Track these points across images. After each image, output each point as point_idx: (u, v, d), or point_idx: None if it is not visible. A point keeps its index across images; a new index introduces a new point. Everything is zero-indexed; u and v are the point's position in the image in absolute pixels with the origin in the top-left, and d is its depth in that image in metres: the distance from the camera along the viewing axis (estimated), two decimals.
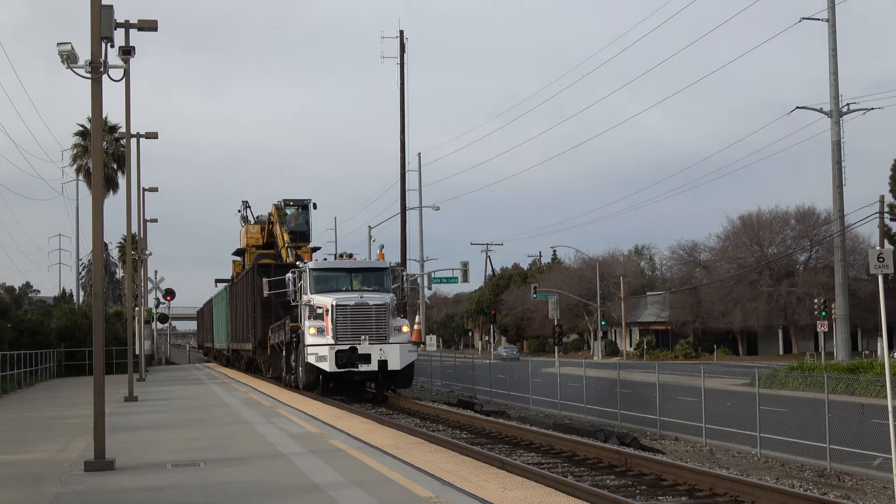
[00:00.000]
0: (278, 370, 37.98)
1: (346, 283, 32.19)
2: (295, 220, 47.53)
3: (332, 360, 29.83)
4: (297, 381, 33.37)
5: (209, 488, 13.21)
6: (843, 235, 48.84)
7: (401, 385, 32.14)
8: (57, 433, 21.76)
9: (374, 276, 32.61)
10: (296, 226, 47.15)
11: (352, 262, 33.56)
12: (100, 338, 16.09)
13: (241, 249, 53.23)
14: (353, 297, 30.65)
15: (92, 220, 16.61)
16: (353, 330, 30.11)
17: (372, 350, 29.98)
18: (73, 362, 56.56)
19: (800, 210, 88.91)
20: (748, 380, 39.61)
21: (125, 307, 59.66)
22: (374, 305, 30.36)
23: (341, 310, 30.17)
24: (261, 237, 51.25)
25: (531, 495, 12.35)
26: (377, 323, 30.31)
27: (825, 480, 18.30)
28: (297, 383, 33.45)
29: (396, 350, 30.14)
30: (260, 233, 51.57)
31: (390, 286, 32.66)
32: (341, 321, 30.09)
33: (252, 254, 50.13)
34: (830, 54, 46.08)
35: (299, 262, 34.43)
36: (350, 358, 29.87)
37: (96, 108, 16.55)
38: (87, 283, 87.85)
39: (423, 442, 18.35)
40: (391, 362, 30.05)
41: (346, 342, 29.97)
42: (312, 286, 31.86)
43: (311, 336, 30.33)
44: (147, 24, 29.62)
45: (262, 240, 50.96)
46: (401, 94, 51.32)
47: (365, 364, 29.93)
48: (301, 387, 32.04)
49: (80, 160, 69.90)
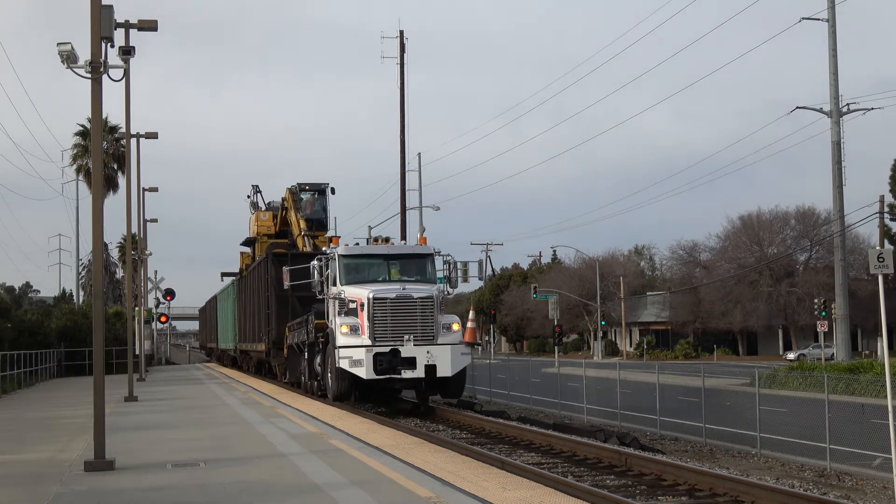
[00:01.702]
0: (297, 375, 33.98)
1: (382, 273, 27.64)
2: (311, 207, 43.60)
3: (369, 365, 25.08)
4: (321, 389, 29.10)
5: (209, 488, 13.21)
6: (843, 235, 48.83)
7: (451, 395, 27.56)
8: (57, 433, 21.76)
9: (415, 263, 27.92)
10: (312, 212, 43.23)
11: (390, 247, 28.42)
12: (100, 338, 16.09)
13: (251, 239, 49.12)
14: (393, 289, 26.00)
15: (92, 220, 16.61)
16: (395, 328, 25.46)
17: (417, 353, 25.27)
18: (73, 362, 56.58)
19: (800, 210, 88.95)
20: (748, 380, 39.60)
21: (125, 307, 59.68)
22: (419, 298, 25.69)
23: (380, 304, 25.48)
24: (273, 225, 47.15)
25: (531, 495, 12.35)
26: (423, 320, 25.60)
27: (825, 480, 18.30)
28: (321, 391, 29.27)
29: (447, 353, 25.40)
30: (272, 220, 47.42)
31: (435, 276, 28.15)
32: (380, 318, 25.44)
33: (263, 243, 46.17)
34: (830, 54, 46.08)
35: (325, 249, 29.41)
36: (391, 362, 25.17)
37: (96, 108, 16.55)
38: (87, 283, 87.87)
39: (423, 442, 18.35)
40: (441, 367, 25.30)
41: (386, 343, 25.33)
42: (343, 276, 27.16)
43: (342, 336, 25.59)
44: (147, 24, 29.65)
45: (274, 228, 46.99)
46: (401, 95, 51.29)
47: (409, 370, 25.20)
48: (331, 396, 27.01)
49: (80, 160, 69.94)
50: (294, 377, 34.54)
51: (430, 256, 28.17)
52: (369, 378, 25.30)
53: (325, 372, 27.83)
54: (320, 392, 29.46)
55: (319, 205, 44.08)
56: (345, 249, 27.86)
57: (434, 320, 25.68)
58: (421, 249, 28.48)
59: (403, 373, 25.26)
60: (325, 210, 44.35)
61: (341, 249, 27.83)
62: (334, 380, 26.24)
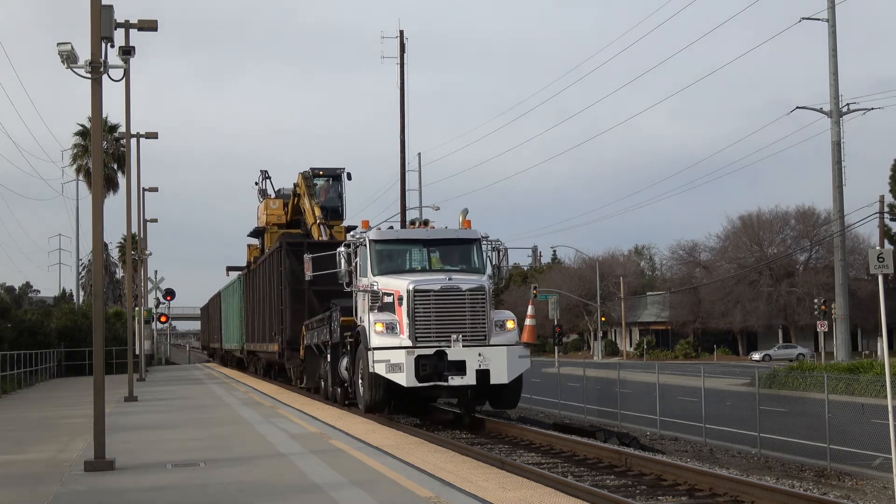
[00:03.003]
0: (316, 380, 30.13)
1: (422, 261, 23.95)
2: (325, 194, 40.31)
3: (410, 370, 21.15)
4: (347, 397, 25.72)
5: (209, 488, 13.21)
6: (843, 235, 48.84)
7: (505, 405, 23.58)
8: (57, 433, 21.75)
9: (459, 250, 24.04)
10: (326, 200, 39.81)
11: (430, 231, 24.36)
12: (100, 338, 16.09)
13: (260, 229, 45.57)
14: (437, 280, 22.08)
15: (92, 220, 16.61)
16: (440, 326, 21.56)
17: (467, 355, 21.32)
18: (73, 362, 56.57)
19: (800, 210, 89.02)
20: (748, 380, 39.63)
21: (125, 307, 59.66)
22: (468, 291, 21.81)
23: (422, 297, 21.61)
24: (284, 214, 43.59)
25: (531, 495, 12.35)
26: (473, 316, 21.73)
27: (825, 480, 18.30)
28: (347, 399, 25.78)
29: (502, 355, 21.45)
30: (282, 208, 43.87)
31: (483, 264, 24.05)
32: (422, 314, 21.57)
33: (273, 233, 42.71)
34: (830, 54, 46.11)
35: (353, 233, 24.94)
36: (436, 367, 21.27)
37: (96, 108, 16.55)
38: (87, 283, 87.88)
39: (423, 442, 18.35)
40: (495, 373, 21.30)
41: (430, 344, 21.43)
42: (375, 264, 23.32)
43: (377, 335, 21.72)
44: (147, 25, 29.65)
45: (285, 217, 43.43)
46: (401, 95, 51.27)
47: (457, 375, 21.19)
48: (362, 407, 23.02)
49: (80, 160, 69.98)
50: (312, 382, 30.92)
51: (476, 242, 24.11)
52: (410, 386, 21.27)
53: (353, 377, 24.08)
54: (347, 401, 25.90)
55: (334, 191, 41.17)
56: (377, 233, 23.88)
57: (486, 316, 21.83)
58: (466, 234, 24.19)
59: (451, 379, 21.16)
60: (341, 197, 41.37)
61: (373, 234, 23.82)
62: (367, 387, 22.28)
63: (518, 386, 22.57)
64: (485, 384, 21.47)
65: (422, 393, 22.35)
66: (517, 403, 24.09)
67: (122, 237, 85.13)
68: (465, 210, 24.49)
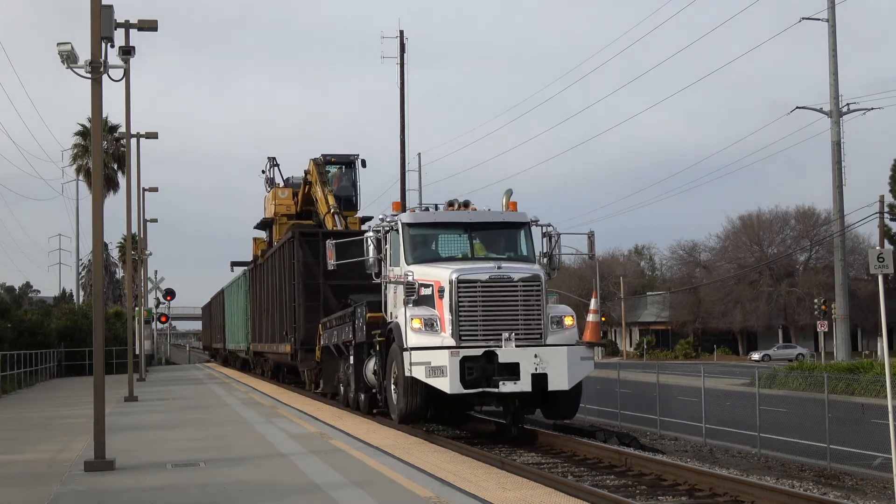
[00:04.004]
0: (334, 384, 27.09)
1: (463, 247, 20.83)
2: (338, 182, 37.73)
3: (454, 374, 18.06)
4: (374, 404, 22.56)
5: (209, 488, 13.22)
6: (843, 235, 48.85)
7: (562, 414, 20.39)
8: (57, 433, 21.76)
9: (506, 235, 20.98)
10: (339, 189, 37.01)
11: (472, 213, 21.15)
12: (100, 338, 16.11)
13: (268, 220, 42.40)
14: (484, 269, 19.03)
15: (92, 220, 16.63)
16: (489, 323, 18.58)
17: (521, 357, 18.25)
18: (73, 362, 56.60)
19: (800, 210, 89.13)
20: (748, 380, 39.64)
21: (125, 307, 59.67)
22: (520, 281, 18.74)
23: (467, 288, 18.57)
24: (293, 204, 40.56)
25: (531, 495, 12.36)
26: (527, 311, 18.71)
27: (825, 480, 18.31)
28: (375, 407, 22.60)
29: (562, 357, 18.44)
30: (292, 198, 40.85)
31: (533, 252, 20.80)
32: (467, 308, 18.55)
33: (283, 225, 39.58)
34: (830, 54, 46.12)
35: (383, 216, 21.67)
36: (485, 370, 18.25)
37: (96, 108, 16.57)
38: (87, 283, 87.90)
39: (423, 442, 18.35)
40: (554, 377, 18.32)
41: (477, 343, 18.44)
42: (409, 252, 20.29)
43: (414, 333, 18.69)
44: (147, 25, 29.67)
45: (295, 207, 40.42)
46: (401, 95, 51.29)
47: (509, 380, 18.14)
48: (396, 417, 19.86)
49: (80, 160, 70.03)
50: (330, 387, 27.64)
51: (525, 226, 20.97)
52: (455, 392, 18.16)
53: (382, 382, 20.92)
54: (375, 409, 22.77)
55: (347, 179, 38.48)
56: (412, 216, 20.88)
57: (542, 311, 18.83)
58: (514, 216, 21.08)
59: (502, 385, 18.13)
60: (355, 186, 38.64)
61: (407, 216, 20.81)
62: (402, 394, 19.15)
63: (578, 392, 19.71)
64: (541, 391, 18.49)
65: (467, 401, 19.60)
66: (576, 413, 20.78)
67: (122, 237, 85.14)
68: (510, 191, 21.46)
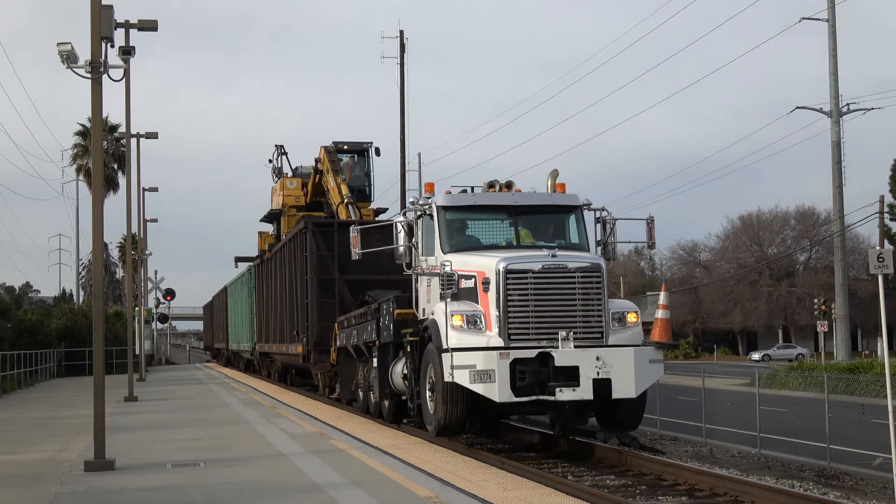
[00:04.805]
0: (352, 389, 24.75)
1: (506, 234, 18.39)
2: (350, 172, 35.58)
3: (504, 380, 15.63)
4: (406, 414, 19.69)
5: (209, 488, 13.22)
6: (843, 235, 48.86)
7: (625, 425, 17.98)
8: (57, 433, 21.77)
9: (555, 221, 18.66)
10: (351, 179, 34.94)
11: (517, 195, 18.73)
12: (100, 338, 16.11)
13: (275, 212, 40.28)
14: (536, 257, 16.67)
15: (92, 220, 16.63)
16: (542, 320, 16.21)
17: (581, 359, 15.89)
18: (73, 362, 56.63)
19: (800, 210, 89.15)
20: (748, 379, 39.63)
21: (125, 307, 59.67)
22: (578, 271, 16.43)
23: (517, 280, 16.25)
24: (302, 195, 38.61)
25: (531, 495, 12.36)
26: (586, 306, 16.39)
27: (825, 480, 18.30)
28: (407, 417, 19.91)
29: (628, 360, 16.08)
30: (301, 188, 38.83)
31: (587, 240, 18.54)
32: (518, 302, 16.22)
33: (292, 217, 37.41)
34: (830, 54, 46.13)
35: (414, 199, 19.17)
36: (537, 374, 15.84)
37: (96, 108, 16.58)
38: (87, 283, 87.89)
39: (422, 442, 18.35)
40: (619, 384, 15.96)
41: (529, 343, 16.09)
42: (446, 238, 17.97)
43: (455, 332, 16.23)
44: (147, 25, 29.70)
45: (304, 199, 38.46)
46: (401, 95, 51.31)
47: (567, 387, 15.77)
48: (433, 428, 17.24)
49: (81, 160, 70.07)
50: (348, 392, 25.31)
51: (577, 210, 18.59)
52: (505, 401, 15.82)
53: (414, 388, 18.26)
54: (406, 419, 20.16)
55: (360, 169, 36.49)
56: (449, 198, 18.40)
57: (603, 307, 16.52)
58: (565, 199, 18.71)
59: (559, 392, 15.73)
60: (369, 176, 36.74)
61: (442, 198, 18.35)
62: (441, 402, 16.61)
63: (644, 400, 17.25)
64: (605, 398, 16.12)
65: (515, 410, 17.54)
66: (639, 424, 18.19)
67: (122, 237, 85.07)
68: (556, 171, 19.12)
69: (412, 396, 18.47)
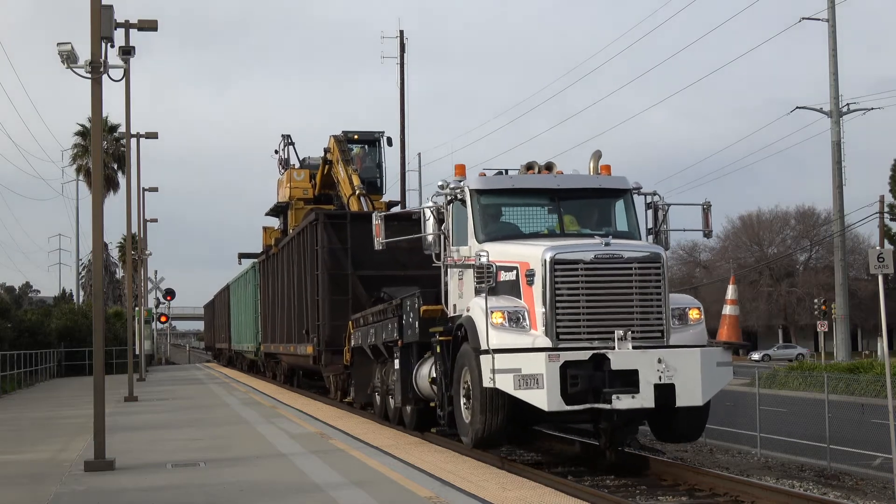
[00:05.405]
0: (368, 393, 23.18)
1: (548, 221, 16.79)
2: (360, 163, 33.73)
3: (554, 386, 13.88)
4: (436, 422, 17.41)
5: (209, 488, 13.23)
6: (843, 235, 48.88)
7: (686, 435, 16.11)
8: (57, 433, 21.77)
9: (601, 206, 16.80)
10: (362, 170, 32.94)
11: (560, 177, 16.78)
12: (100, 338, 16.11)
13: (282, 205, 38.57)
14: (588, 246, 14.91)
15: (92, 220, 16.63)
16: (596, 317, 14.50)
17: (641, 362, 14.12)
18: (73, 362, 56.62)
19: (800, 210, 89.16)
20: (748, 379, 39.60)
21: (125, 307, 59.67)
22: (635, 262, 14.76)
23: (567, 271, 14.52)
24: (310, 187, 36.80)
25: (531, 495, 12.35)
26: (644, 301, 14.68)
27: (825, 480, 18.30)
28: (436, 426, 17.50)
29: (694, 362, 14.36)
30: (309, 180, 36.95)
31: (638, 228, 16.67)
32: (567, 297, 14.49)
33: (299, 210, 35.71)
34: (830, 54, 46.15)
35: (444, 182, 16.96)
36: (591, 379, 14.08)
37: (96, 109, 16.58)
38: (87, 283, 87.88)
39: (422, 442, 18.35)
40: (683, 389, 14.25)
41: (581, 344, 14.38)
42: (480, 226, 16.19)
43: (495, 330, 14.45)
44: (147, 25, 29.70)
45: (312, 191, 36.73)
46: (401, 95, 51.28)
47: (626, 393, 14.02)
48: (470, 440, 15.33)
49: (80, 160, 70.10)
50: (363, 397, 23.67)
51: (627, 194, 16.75)
52: (554, 410, 14.03)
53: (445, 394, 16.42)
54: (435, 428, 17.75)
55: (371, 160, 34.75)
56: (483, 181, 16.62)
57: (664, 302, 14.79)
58: (614, 182, 16.83)
59: (616, 400, 14.01)
60: (380, 167, 35.07)
61: (476, 181, 16.57)
62: (479, 410, 14.78)
63: (708, 409, 15.40)
64: (668, 406, 14.35)
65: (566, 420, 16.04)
66: (701, 433, 16.50)
67: (122, 237, 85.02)
68: (598, 152, 17.15)
69: (442, 403, 16.66)
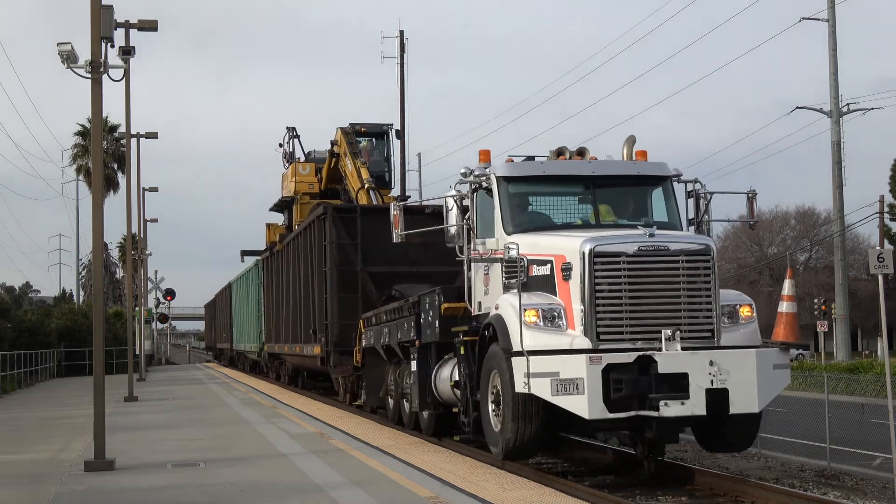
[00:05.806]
0: (380, 396, 21.85)
1: (582, 210, 15.52)
2: (368, 157, 32.35)
3: (595, 391, 12.58)
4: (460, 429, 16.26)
5: (209, 488, 13.23)
6: (843, 235, 48.90)
7: (737, 445, 14.73)
8: (57, 433, 21.77)
9: (637, 194, 15.45)
10: (370, 164, 31.68)
11: (595, 163, 15.49)
12: (100, 338, 16.11)
13: (287, 200, 37.13)
14: (630, 237, 13.65)
15: (92, 220, 16.63)
16: (639, 315, 13.22)
17: (691, 365, 12.82)
18: (73, 362, 56.61)
19: (800, 210, 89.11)
20: None
21: (125, 307, 59.67)
22: (682, 254, 13.43)
23: (608, 264, 13.25)
24: (316, 181, 35.54)
25: (531, 495, 12.35)
26: (693, 298, 13.35)
27: (825, 480, 18.29)
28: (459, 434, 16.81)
29: (750, 365, 13.07)
30: (315, 174, 35.73)
31: (679, 218, 15.42)
32: (609, 293, 13.22)
33: (305, 205, 34.49)
34: (830, 54, 46.19)
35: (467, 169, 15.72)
36: (636, 384, 12.80)
37: (96, 109, 16.58)
38: (87, 283, 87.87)
39: (422, 442, 18.34)
40: (738, 395, 12.95)
41: (623, 345, 13.13)
42: (509, 217, 14.92)
43: (529, 329, 13.13)
44: (147, 25, 29.71)
45: (318, 186, 35.42)
46: (401, 95, 51.32)
47: (674, 399, 12.69)
48: (500, 449, 14.05)
49: (80, 160, 70.11)
50: (375, 400, 22.50)
51: (667, 181, 15.47)
52: (596, 417, 12.74)
53: (470, 398, 15.08)
54: (457, 436, 17.07)
55: (379, 154, 33.61)
56: (512, 167, 15.34)
57: (713, 298, 13.44)
58: (653, 168, 15.54)
59: (664, 407, 12.67)
60: (388, 161, 33.93)
61: (503, 167, 15.32)
62: (510, 418, 13.51)
63: (761, 416, 14.06)
64: (718, 414, 13.01)
65: (608, 428, 14.81)
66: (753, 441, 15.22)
67: (122, 237, 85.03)
68: (633, 137, 15.86)
69: (466, 409, 15.32)
